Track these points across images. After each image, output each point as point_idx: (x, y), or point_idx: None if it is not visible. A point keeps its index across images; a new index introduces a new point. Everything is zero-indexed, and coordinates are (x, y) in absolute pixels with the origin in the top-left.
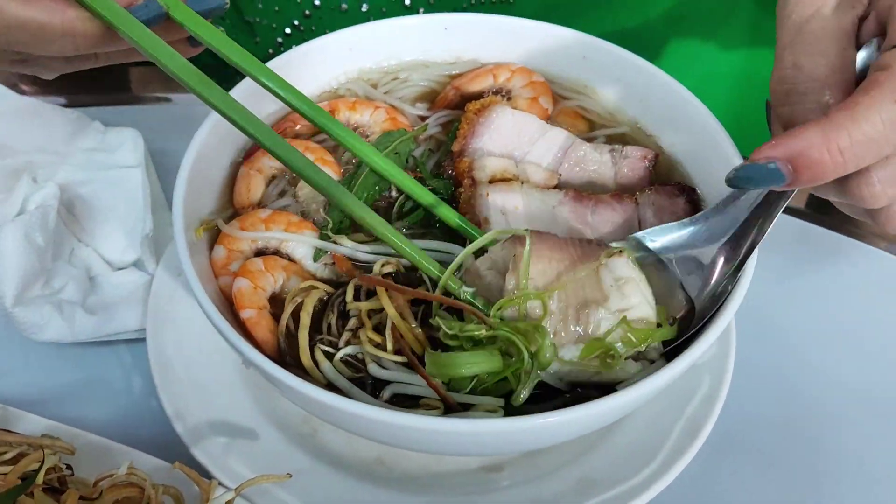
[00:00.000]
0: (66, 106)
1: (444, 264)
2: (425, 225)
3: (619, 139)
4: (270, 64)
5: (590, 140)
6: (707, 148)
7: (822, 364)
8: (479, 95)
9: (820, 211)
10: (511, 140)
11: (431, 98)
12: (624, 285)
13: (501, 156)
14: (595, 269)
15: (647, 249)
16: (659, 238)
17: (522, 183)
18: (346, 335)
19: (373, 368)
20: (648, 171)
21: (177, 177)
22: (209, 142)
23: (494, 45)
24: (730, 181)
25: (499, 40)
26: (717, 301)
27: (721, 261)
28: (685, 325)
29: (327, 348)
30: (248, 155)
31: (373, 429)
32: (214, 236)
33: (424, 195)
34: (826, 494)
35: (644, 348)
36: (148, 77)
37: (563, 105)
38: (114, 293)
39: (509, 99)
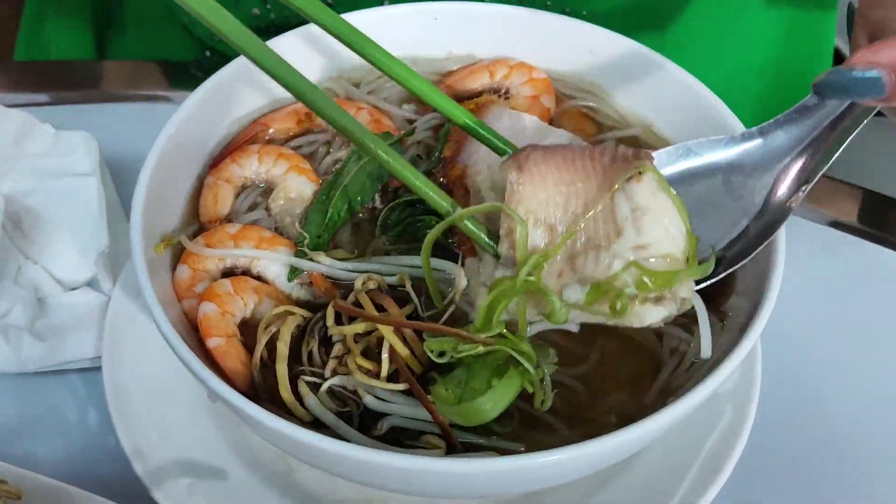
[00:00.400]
0: (10, 106)
1: (438, 282)
2: (411, 239)
3: (630, 143)
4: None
5: (597, 144)
6: None
7: (857, 390)
8: (473, 95)
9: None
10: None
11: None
12: (642, 217)
13: (491, 167)
14: (610, 196)
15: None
16: (706, 153)
17: None
18: (331, 363)
19: (369, 401)
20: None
21: (136, 186)
22: (173, 146)
23: (491, 37)
24: (817, 86)
25: (496, 32)
26: (746, 253)
27: (769, 190)
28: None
29: (311, 379)
30: (215, 163)
31: (369, 472)
32: (178, 253)
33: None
34: None
35: (664, 293)
36: (105, 72)
37: (567, 105)
38: (66, 316)
39: (507, 98)
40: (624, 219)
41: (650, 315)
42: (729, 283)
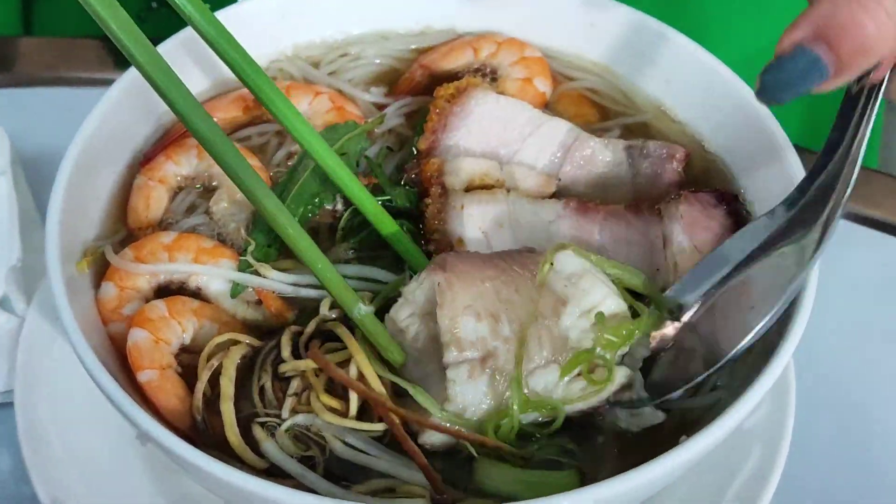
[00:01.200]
0: None
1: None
2: (376, 246)
3: (639, 131)
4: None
5: (600, 133)
6: (753, 140)
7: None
8: (454, 76)
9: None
10: (495, 135)
11: (391, 80)
12: (579, 280)
13: (482, 156)
14: (544, 274)
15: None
16: (692, 291)
17: (509, 191)
18: (289, 402)
19: (339, 449)
20: (677, 174)
21: (52, 188)
22: (97, 140)
23: (475, 8)
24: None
25: (481, 3)
26: None
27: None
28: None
29: (267, 420)
30: (146, 159)
31: None
32: (103, 268)
33: (378, 215)
34: None
35: (628, 347)
36: (21, 50)
37: (565, 87)
38: None
39: (494, 80)
40: (563, 288)
41: (620, 379)
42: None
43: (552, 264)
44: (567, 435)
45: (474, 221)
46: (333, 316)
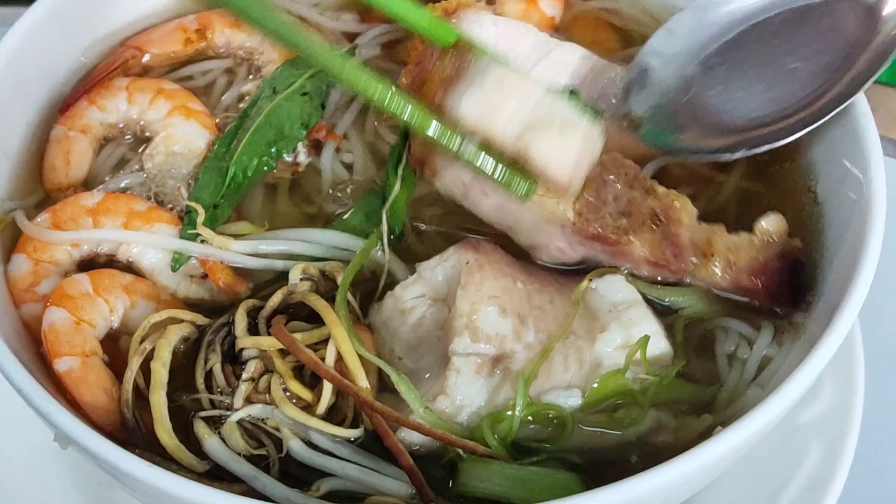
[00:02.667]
0: None
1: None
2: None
3: None
4: None
5: (622, 61)
6: None
7: None
8: None
9: None
10: None
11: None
12: (628, 310)
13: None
14: (581, 291)
15: None
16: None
17: None
18: (243, 388)
19: (297, 449)
20: None
21: None
22: (4, 82)
23: None
24: None
25: None
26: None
27: None
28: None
29: (212, 413)
30: (65, 106)
31: None
32: (13, 238)
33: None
34: None
35: (664, 395)
36: None
37: (579, 9)
38: None
39: (492, 2)
40: (606, 313)
41: (649, 422)
42: (809, 258)
43: (591, 283)
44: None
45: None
46: (305, 288)
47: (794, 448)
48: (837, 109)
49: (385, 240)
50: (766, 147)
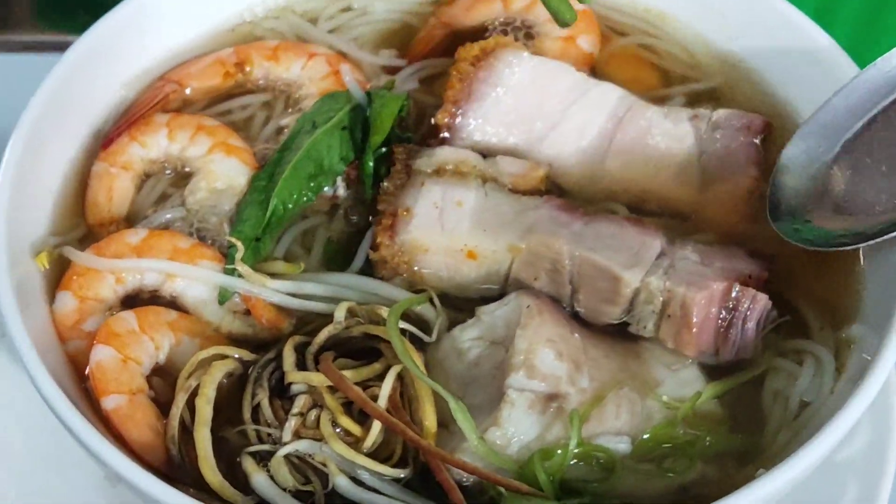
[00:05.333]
0: None
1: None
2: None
3: (707, 98)
4: None
5: (660, 101)
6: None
7: None
8: (479, 34)
9: None
10: (530, 105)
11: (405, 39)
12: (683, 370)
13: (514, 130)
14: (637, 347)
15: None
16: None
17: (486, 181)
18: (292, 423)
19: (343, 484)
20: (755, 148)
21: None
22: (48, 119)
23: None
24: None
25: None
26: None
27: None
28: None
29: (260, 447)
30: (107, 141)
31: None
32: (57, 274)
33: None
34: None
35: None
36: None
37: (617, 45)
38: None
39: (530, 39)
40: (661, 369)
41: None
42: (851, 302)
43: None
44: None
45: (431, 196)
46: (352, 322)
47: (831, 486)
48: None
49: (436, 298)
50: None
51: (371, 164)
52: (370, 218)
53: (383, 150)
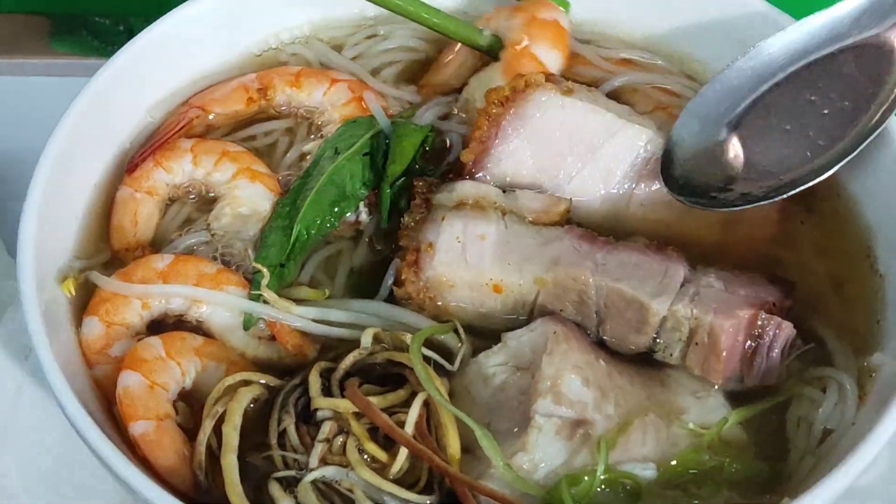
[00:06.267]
0: None
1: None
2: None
3: None
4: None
5: None
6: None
7: None
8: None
9: None
10: (558, 147)
11: (426, 68)
12: (708, 398)
13: (539, 172)
14: (662, 375)
15: None
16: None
17: (506, 214)
18: (319, 449)
19: None
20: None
21: (26, 201)
22: (74, 143)
23: None
24: None
25: None
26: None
27: None
28: None
29: (286, 474)
30: (132, 166)
31: None
32: (83, 300)
33: None
34: None
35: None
36: None
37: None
38: None
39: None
40: (686, 397)
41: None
42: (872, 330)
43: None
44: None
45: (453, 231)
46: (376, 349)
47: None
48: (869, 140)
49: (460, 327)
50: (804, 186)
51: (388, 191)
52: (392, 246)
53: (402, 179)
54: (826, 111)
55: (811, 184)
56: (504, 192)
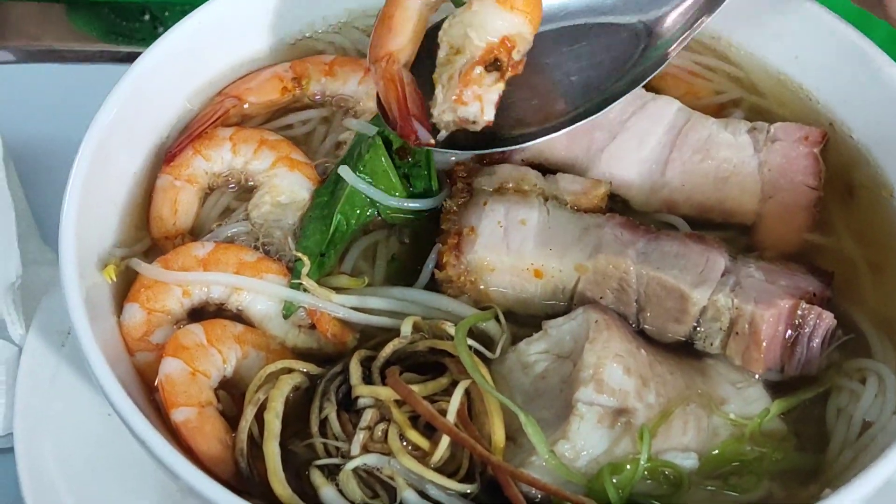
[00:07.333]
0: None
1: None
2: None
3: (758, 115)
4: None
5: (717, 109)
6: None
7: None
8: None
9: None
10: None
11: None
12: (748, 388)
13: (572, 141)
14: (702, 364)
15: None
16: None
17: (547, 199)
18: (360, 436)
19: (412, 500)
20: (814, 160)
21: (66, 190)
22: (114, 131)
23: None
24: None
25: None
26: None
27: None
28: None
29: (328, 461)
30: (170, 155)
31: None
32: (124, 287)
33: None
34: None
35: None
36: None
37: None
38: None
39: None
40: (726, 387)
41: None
42: None
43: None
44: None
45: (495, 216)
46: (416, 337)
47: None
48: (611, 106)
49: (501, 315)
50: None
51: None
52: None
53: None
54: (573, 77)
55: (524, 146)
56: (544, 175)
